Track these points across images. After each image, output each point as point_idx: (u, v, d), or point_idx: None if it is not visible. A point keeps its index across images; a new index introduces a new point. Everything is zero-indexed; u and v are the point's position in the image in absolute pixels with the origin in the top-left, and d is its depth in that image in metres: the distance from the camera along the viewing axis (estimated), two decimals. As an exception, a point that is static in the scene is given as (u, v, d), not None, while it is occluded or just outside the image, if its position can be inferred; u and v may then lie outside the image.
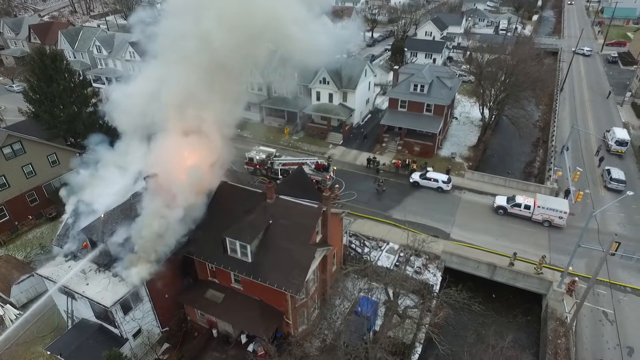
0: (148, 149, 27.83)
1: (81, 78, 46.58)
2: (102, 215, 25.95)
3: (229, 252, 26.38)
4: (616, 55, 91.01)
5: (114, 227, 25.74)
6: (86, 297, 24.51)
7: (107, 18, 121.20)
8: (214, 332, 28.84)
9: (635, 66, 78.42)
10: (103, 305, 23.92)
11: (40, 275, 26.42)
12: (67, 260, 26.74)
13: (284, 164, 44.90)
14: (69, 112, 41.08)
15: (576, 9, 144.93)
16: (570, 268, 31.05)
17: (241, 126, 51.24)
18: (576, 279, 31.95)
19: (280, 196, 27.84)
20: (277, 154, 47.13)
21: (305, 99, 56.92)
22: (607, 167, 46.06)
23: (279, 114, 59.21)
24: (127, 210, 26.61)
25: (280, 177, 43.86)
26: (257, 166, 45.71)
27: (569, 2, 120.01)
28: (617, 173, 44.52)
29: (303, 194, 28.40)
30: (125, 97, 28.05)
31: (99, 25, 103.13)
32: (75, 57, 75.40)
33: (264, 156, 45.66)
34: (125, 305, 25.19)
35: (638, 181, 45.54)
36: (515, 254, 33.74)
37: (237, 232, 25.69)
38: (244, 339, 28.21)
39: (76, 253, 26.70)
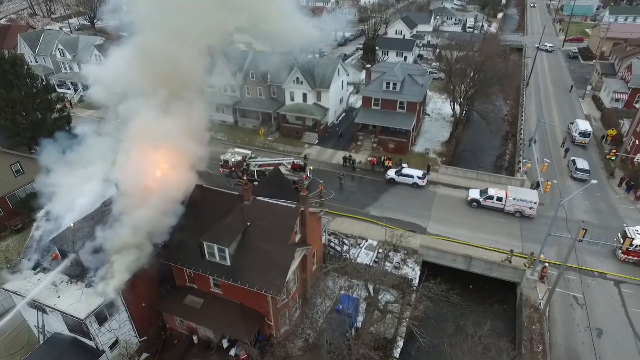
0: (119, 154, 27.03)
1: (44, 83, 44.73)
2: (72, 224, 25.03)
3: (207, 257, 25.96)
4: (576, 50, 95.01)
5: (85, 236, 24.87)
6: (58, 311, 23.59)
7: (70, 20, 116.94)
8: (195, 338, 28.31)
9: (594, 61, 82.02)
10: (77, 318, 23.08)
11: (6, 290, 25.23)
12: (36, 273, 25.69)
13: (260, 166, 44.56)
14: (32, 119, 39.44)
15: (538, 7, 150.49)
16: (542, 256, 32.20)
17: (215, 129, 50.53)
18: (546, 264, 33.11)
19: (258, 197, 27.62)
20: (253, 155, 46.74)
21: (279, 99, 56.72)
22: (572, 158, 48.02)
23: (253, 115, 58.75)
24: (99, 218, 25.77)
25: (256, 178, 43.51)
26: (233, 168, 45.19)
27: (531, 5, 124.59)
28: (582, 163, 46.49)
29: (280, 195, 28.26)
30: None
31: (61, 28, 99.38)
32: (37, 62, 72.39)
33: (239, 158, 45.19)
34: (100, 316, 24.40)
35: (601, 170, 47.69)
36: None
37: (214, 235, 25.31)
38: (225, 343, 27.81)
39: (46, 265, 25.65)
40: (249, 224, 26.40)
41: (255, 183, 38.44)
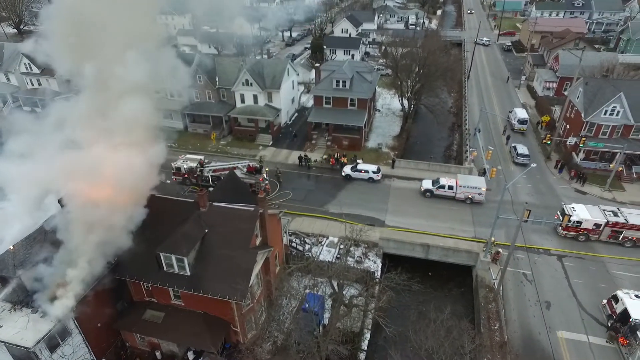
0: (60, 166, 25.29)
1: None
2: (11, 247, 23.14)
3: (164, 268, 24.99)
4: (510, 44, 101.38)
5: (27, 258, 23.08)
6: (1, 342, 21.70)
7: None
8: (157, 354, 27.18)
9: (525, 53, 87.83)
10: (24, 347, 21.35)
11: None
12: (-28, 304, 23.44)
13: (214, 171, 43.51)
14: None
15: (473, 3, 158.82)
16: (493, 238, 34.10)
17: (164, 136, 48.62)
18: (500, 250, 35.02)
19: (214, 203, 26.99)
20: (206, 160, 45.56)
21: (229, 102, 55.70)
22: (513, 144, 51.24)
23: (204, 120, 57.23)
24: (41, 238, 24.01)
25: (211, 184, 42.47)
26: (186, 175, 43.80)
27: (468, 12, 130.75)
28: (522, 149, 49.72)
29: (238, 199, 27.82)
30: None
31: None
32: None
33: (192, 164, 43.88)
34: (52, 343, 22.71)
35: (539, 154, 51.23)
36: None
37: (171, 246, 24.43)
38: (191, 355, 26.92)
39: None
40: (207, 230, 25.73)
41: (211, 189, 37.52)
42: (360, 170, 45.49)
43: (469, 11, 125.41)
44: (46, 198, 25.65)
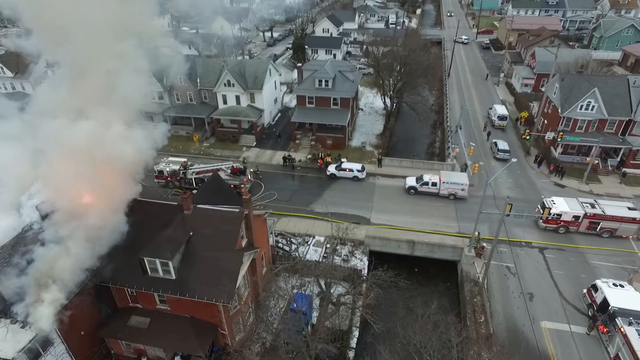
0: (38, 171, 24.66)
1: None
2: (-12, 256, 22.40)
3: (149, 273, 24.59)
4: (488, 42, 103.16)
5: (5, 267, 22.37)
6: (-21, 354, 21.00)
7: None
8: (144, 360, 26.74)
9: (503, 51, 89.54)
10: (2, 359, 20.70)
11: None
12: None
13: (197, 173, 43.02)
14: None
15: (451, 2, 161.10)
16: (477, 233, 34.67)
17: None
18: (484, 245, 35.61)
19: (198, 205, 26.68)
20: (189, 163, 45.00)
21: (211, 103, 55.14)
22: (494, 140, 52.21)
23: (186, 122, 56.51)
24: (20, 245, 23.31)
25: (195, 186, 41.97)
26: (169, 178, 43.20)
27: (448, 14, 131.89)
28: (503, 144, 50.71)
29: (222, 201, 27.54)
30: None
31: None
32: None
33: (175, 167, 43.29)
34: (33, 353, 22.06)
35: (519, 149, 52.30)
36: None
37: (155, 250, 24.05)
38: (178, 361, 26.59)
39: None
40: (191, 233, 25.43)
41: (194, 191, 37.06)
42: (344, 169, 45.63)
43: (448, 13, 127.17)
44: (25, 202, 24.94)
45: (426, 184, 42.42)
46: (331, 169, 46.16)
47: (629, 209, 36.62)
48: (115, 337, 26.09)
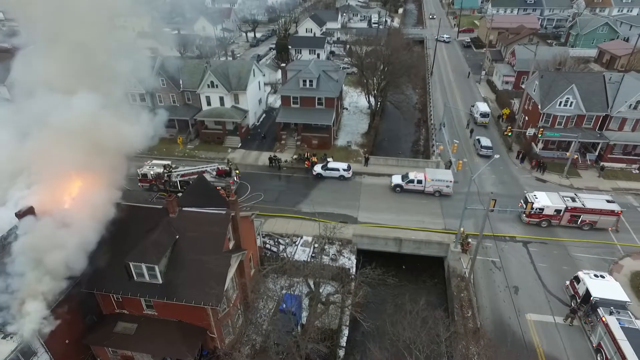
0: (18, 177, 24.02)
1: None
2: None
3: (135, 278, 24.21)
4: (469, 40, 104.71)
5: (-15, 276, 21.71)
6: (-41, 367, 20.35)
7: None
8: (131, 367, 26.30)
9: (484, 49, 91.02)
10: (-16, 371, 20.13)
11: None
12: None
13: (182, 175, 42.56)
14: None
15: (432, 2, 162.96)
16: (462, 229, 35.16)
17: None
18: (469, 240, 36.11)
19: (184, 208, 26.38)
20: (174, 165, 44.46)
21: (195, 105, 54.56)
22: (477, 137, 53.03)
23: (169, 124, 55.66)
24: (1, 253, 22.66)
25: (180, 189, 41.49)
26: (153, 181, 42.62)
27: (430, 17, 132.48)
28: (486, 141, 51.56)
29: (208, 203, 27.26)
30: None
31: None
32: None
33: (159, 170, 42.71)
34: (15, 364, 21.51)
35: (502, 146, 53.23)
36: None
37: (141, 254, 23.68)
38: (167, 366, 26.23)
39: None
40: (178, 237, 25.13)
41: (179, 194, 36.63)
42: (331, 169, 45.71)
43: (430, 16, 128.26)
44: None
45: (412, 181, 42.81)
46: (317, 168, 46.18)
47: (608, 201, 37.68)
48: (101, 345, 25.60)
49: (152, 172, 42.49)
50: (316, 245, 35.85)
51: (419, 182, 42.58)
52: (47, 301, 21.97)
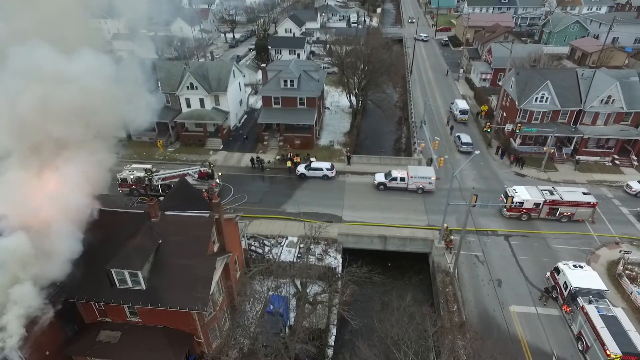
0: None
1: None
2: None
3: (117, 285, 23.64)
4: (447, 39, 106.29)
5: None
6: None
7: None
8: (116, 376, 25.63)
9: (462, 47, 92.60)
10: (-40, 387, 19.31)
11: None
12: None
13: (163, 179, 41.82)
14: None
15: (410, 2, 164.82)
16: (445, 225, 35.62)
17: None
18: (452, 237, 36.60)
19: (167, 212, 25.90)
20: (154, 169, 43.64)
21: (174, 107, 53.68)
22: (457, 134, 53.86)
23: (148, 127, 54.57)
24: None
25: (162, 193, 40.75)
26: (133, 186, 41.73)
27: (409, 21, 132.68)
28: (466, 138, 52.41)
29: (191, 206, 26.84)
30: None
31: None
32: None
33: (139, 174, 41.85)
34: (-7, 379, 20.73)
35: (481, 142, 54.22)
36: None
37: (122, 260, 23.14)
38: (152, 373, 25.68)
39: None
40: (160, 241, 24.65)
41: (161, 198, 35.97)
42: (314, 169, 45.67)
43: (409, 20, 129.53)
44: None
45: (395, 179, 43.16)
46: (301, 168, 46.07)
47: (584, 194, 38.80)
48: (84, 355, 24.86)
49: (132, 177, 41.60)
50: (302, 246, 35.73)
51: (402, 179, 42.96)
52: (26, 312, 21.21)
